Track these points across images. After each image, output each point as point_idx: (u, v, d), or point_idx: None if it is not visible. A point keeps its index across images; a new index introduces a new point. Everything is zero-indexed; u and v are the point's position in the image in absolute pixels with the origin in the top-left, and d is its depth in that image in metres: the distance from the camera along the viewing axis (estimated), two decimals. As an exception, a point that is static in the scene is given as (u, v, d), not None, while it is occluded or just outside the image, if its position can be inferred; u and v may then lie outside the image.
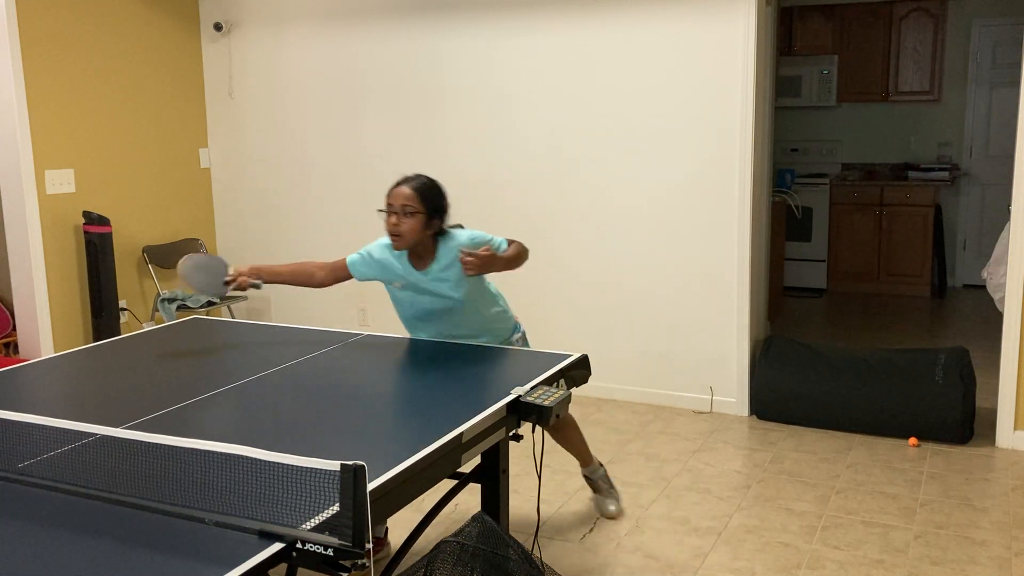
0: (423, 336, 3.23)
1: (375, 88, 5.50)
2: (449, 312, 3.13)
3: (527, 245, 3.26)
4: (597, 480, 3.58)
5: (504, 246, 3.12)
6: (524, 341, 3.35)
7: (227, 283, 3.10)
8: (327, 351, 3.05)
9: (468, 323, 3.18)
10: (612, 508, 3.55)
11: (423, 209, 2.94)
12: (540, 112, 5.07)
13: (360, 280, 3.22)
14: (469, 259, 2.93)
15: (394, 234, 2.95)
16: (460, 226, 3.19)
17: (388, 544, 3.38)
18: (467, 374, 2.76)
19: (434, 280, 3.06)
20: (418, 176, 3.02)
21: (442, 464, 2.15)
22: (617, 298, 5.00)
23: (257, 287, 3.17)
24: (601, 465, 3.63)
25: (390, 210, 2.96)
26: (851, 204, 7.60)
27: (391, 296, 3.22)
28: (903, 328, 6.52)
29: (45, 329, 5.09)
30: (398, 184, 2.98)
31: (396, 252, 3.08)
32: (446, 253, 3.03)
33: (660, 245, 4.88)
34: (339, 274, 3.22)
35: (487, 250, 2.97)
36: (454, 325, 3.17)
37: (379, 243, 3.16)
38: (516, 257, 3.12)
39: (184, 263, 3.15)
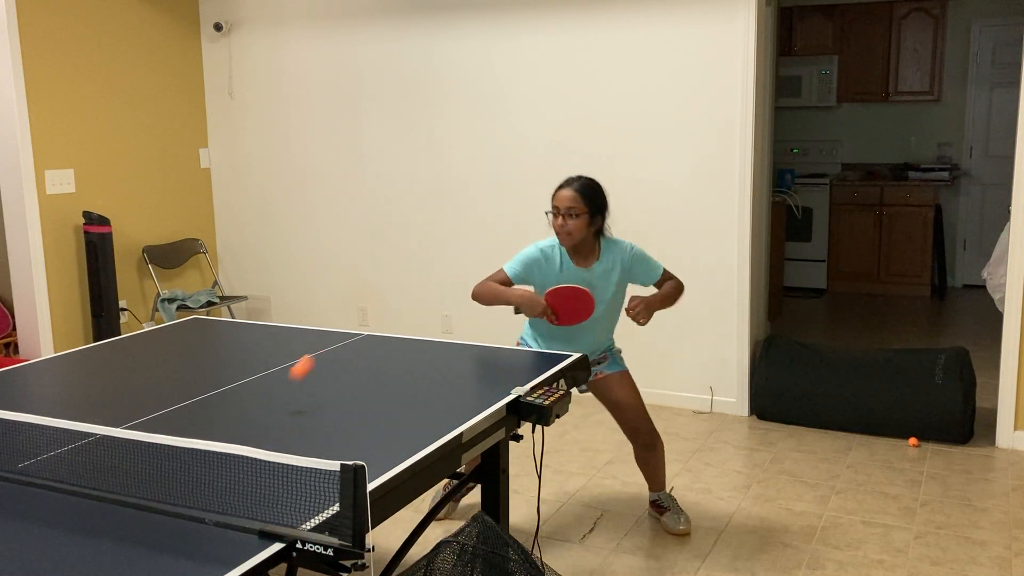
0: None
1: (375, 88, 5.50)
2: (598, 318, 3.24)
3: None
4: (664, 500, 3.56)
5: (659, 271, 3.30)
6: (619, 354, 3.48)
7: None
8: (327, 351, 3.05)
9: (605, 330, 3.34)
10: (681, 526, 3.47)
11: (586, 209, 3.12)
12: (540, 112, 5.07)
13: (518, 284, 3.29)
14: (638, 309, 3.14)
15: (564, 234, 3.13)
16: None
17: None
18: (467, 374, 2.77)
19: (598, 278, 3.20)
20: (580, 178, 3.17)
21: (442, 464, 2.15)
22: (617, 298, 5.00)
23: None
24: (670, 488, 3.67)
25: (556, 212, 3.13)
26: (851, 204, 7.59)
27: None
28: (903, 328, 6.52)
29: (45, 329, 5.09)
30: (562, 187, 3.15)
31: (556, 254, 3.22)
32: (609, 255, 3.21)
33: (660, 245, 4.87)
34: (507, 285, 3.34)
35: (643, 298, 3.16)
36: (598, 332, 3.31)
37: (538, 245, 3.27)
38: (673, 295, 3.30)
39: None
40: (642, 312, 3.15)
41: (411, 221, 5.53)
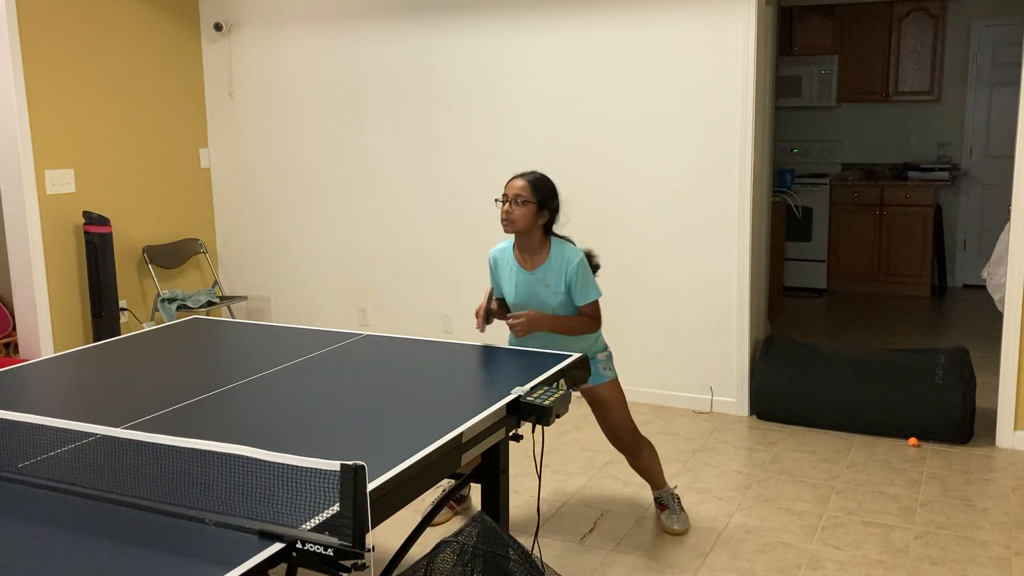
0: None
1: (375, 88, 5.51)
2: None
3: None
4: (665, 498, 3.56)
5: (586, 300, 3.20)
6: (609, 360, 3.38)
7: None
8: (327, 351, 3.05)
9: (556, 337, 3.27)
10: (676, 526, 3.48)
11: (534, 199, 3.14)
12: (540, 113, 5.07)
13: (499, 296, 3.36)
14: (520, 321, 3.10)
15: (506, 220, 3.16)
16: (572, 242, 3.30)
17: (468, 499, 3.70)
18: (467, 374, 2.77)
19: (540, 284, 3.20)
20: (533, 172, 3.22)
21: (442, 464, 2.16)
22: (617, 298, 5.00)
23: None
24: (674, 488, 3.68)
25: (504, 199, 3.17)
26: (851, 204, 7.59)
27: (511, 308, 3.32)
28: (903, 328, 6.52)
29: (45, 329, 5.09)
30: (514, 177, 3.20)
31: (507, 256, 3.27)
32: (556, 259, 3.19)
33: (660, 245, 4.88)
34: None
35: (531, 313, 3.13)
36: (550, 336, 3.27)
37: (491, 251, 3.35)
38: (570, 325, 3.21)
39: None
40: (521, 328, 3.11)
41: (411, 221, 5.53)
